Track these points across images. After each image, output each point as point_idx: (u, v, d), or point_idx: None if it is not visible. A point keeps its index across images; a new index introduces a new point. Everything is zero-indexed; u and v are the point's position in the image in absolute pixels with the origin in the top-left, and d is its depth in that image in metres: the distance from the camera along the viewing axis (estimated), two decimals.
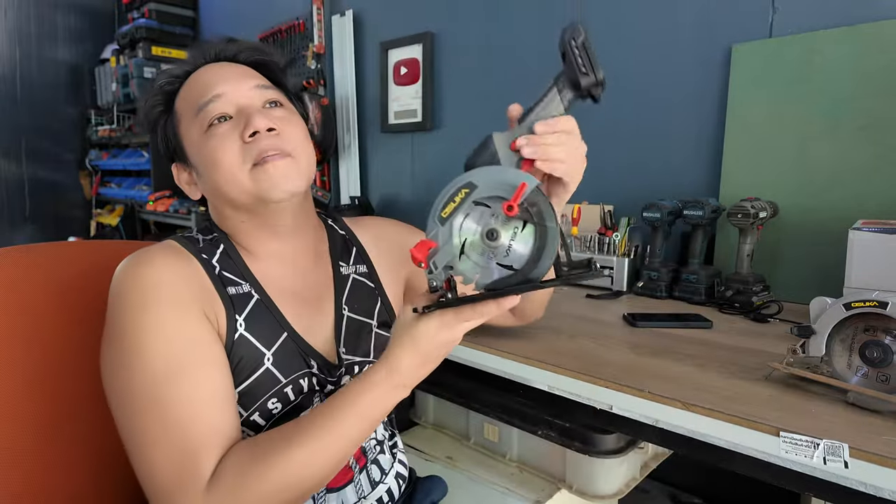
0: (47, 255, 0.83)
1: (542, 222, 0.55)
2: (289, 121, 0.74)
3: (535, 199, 0.55)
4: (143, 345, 0.63)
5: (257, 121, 0.70)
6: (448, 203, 0.56)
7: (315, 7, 2.51)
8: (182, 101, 0.76)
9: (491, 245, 0.56)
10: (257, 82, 0.75)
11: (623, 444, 1.04)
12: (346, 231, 0.89)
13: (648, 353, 0.94)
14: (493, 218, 0.56)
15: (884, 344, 0.69)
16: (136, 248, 0.93)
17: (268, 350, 0.71)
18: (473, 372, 1.00)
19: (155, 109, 0.77)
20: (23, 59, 3.75)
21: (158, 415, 0.61)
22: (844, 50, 1.23)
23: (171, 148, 0.78)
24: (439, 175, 2.20)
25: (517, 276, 0.56)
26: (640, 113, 1.60)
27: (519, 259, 0.56)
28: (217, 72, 0.75)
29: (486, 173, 0.57)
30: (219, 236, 0.77)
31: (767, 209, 1.23)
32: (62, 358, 0.80)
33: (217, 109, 0.72)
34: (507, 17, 1.90)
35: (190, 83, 0.76)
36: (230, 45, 0.78)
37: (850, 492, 0.62)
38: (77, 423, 0.80)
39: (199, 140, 0.72)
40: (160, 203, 3.25)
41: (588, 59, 0.59)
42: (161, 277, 0.66)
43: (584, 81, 0.60)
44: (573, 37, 0.59)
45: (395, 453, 0.85)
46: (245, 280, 0.74)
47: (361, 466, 0.79)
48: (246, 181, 0.70)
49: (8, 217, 3.77)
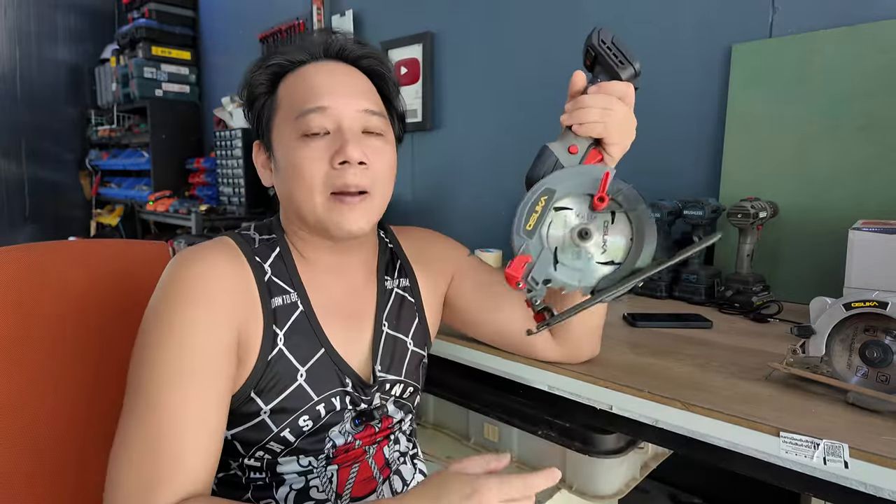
0: (47, 255, 0.83)
1: (633, 207, 0.53)
2: (381, 153, 0.72)
3: (618, 185, 0.54)
4: (163, 342, 0.62)
5: (351, 150, 0.67)
6: (530, 214, 0.54)
7: (315, 7, 2.51)
8: (286, 91, 0.73)
9: (585, 245, 0.54)
10: (366, 106, 0.72)
11: (623, 444, 1.04)
12: (393, 242, 0.87)
13: (648, 353, 0.94)
14: (578, 218, 0.54)
15: (884, 344, 0.69)
16: (136, 249, 0.94)
17: (302, 366, 0.70)
18: (473, 372, 1.00)
19: (257, 88, 0.74)
20: (23, 58, 3.75)
21: (146, 417, 0.60)
22: (844, 50, 1.23)
23: (260, 129, 0.76)
24: (439, 175, 2.20)
25: (623, 268, 0.53)
26: (640, 113, 1.59)
27: (619, 251, 0.53)
28: (331, 78, 0.72)
29: (560, 177, 0.56)
30: (277, 237, 0.76)
31: (767, 209, 1.23)
32: (62, 358, 0.80)
33: (317, 123, 0.69)
34: (507, 16, 1.90)
35: (301, 76, 0.72)
36: (356, 47, 0.75)
37: (850, 492, 0.62)
38: (77, 422, 0.80)
39: (290, 143, 0.70)
40: (160, 203, 3.25)
41: (623, 54, 0.61)
42: (205, 281, 0.65)
43: (624, 74, 0.61)
44: (602, 39, 0.61)
45: (416, 464, 0.85)
46: (294, 289, 0.73)
47: (385, 477, 0.78)
48: (319, 207, 0.69)
49: (8, 217, 3.77)
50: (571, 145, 0.61)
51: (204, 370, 0.63)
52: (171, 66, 3.52)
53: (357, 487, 0.75)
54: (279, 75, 0.74)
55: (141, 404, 0.61)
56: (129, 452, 0.59)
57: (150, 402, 0.61)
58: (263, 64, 0.74)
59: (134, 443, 0.60)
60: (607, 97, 0.62)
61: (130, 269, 0.90)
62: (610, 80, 0.63)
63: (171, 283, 0.66)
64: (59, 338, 0.80)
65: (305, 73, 0.72)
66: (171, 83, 3.52)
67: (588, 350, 0.88)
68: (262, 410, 0.69)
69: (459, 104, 2.10)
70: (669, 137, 1.54)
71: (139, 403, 0.61)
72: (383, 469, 0.78)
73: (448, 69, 2.12)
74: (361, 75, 0.75)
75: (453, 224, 2.14)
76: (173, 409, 0.60)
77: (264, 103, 0.74)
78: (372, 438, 0.77)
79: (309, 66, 0.73)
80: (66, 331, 0.81)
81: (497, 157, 1.99)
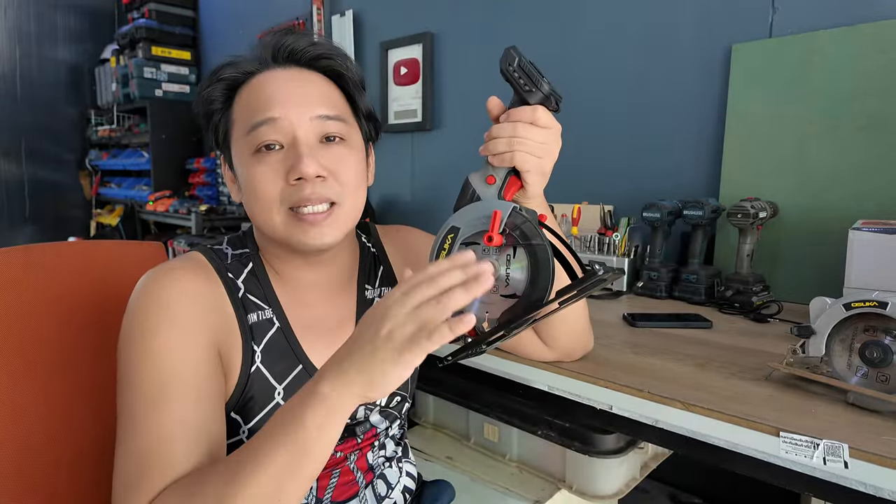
0: (47, 255, 0.83)
1: (528, 241, 0.55)
2: (343, 160, 0.68)
3: (515, 221, 0.55)
4: (141, 367, 0.61)
5: (306, 165, 0.64)
6: (440, 252, 0.56)
7: (315, 7, 2.51)
8: (239, 105, 0.69)
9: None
10: (321, 112, 0.67)
11: (623, 444, 1.04)
12: (376, 245, 0.85)
13: (648, 353, 0.94)
14: (483, 253, 0.56)
15: (884, 344, 0.69)
16: (133, 249, 0.94)
17: (279, 384, 0.69)
18: (473, 372, 1.00)
19: (212, 105, 0.70)
20: (23, 58, 3.75)
21: (131, 439, 0.59)
22: (844, 50, 1.23)
23: (221, 144, 0.72)
24: (439, 175, 2.20)
25: (521, 302, 0.54)
26: (641, 113, 1.60)
27: (519, 285, 0.55)
28: (281, 86, 0.67)
29: (465, 213, 0.57)
30: (250, 252, 0.73)
31: (767, 209, 1.23)
32: (62, 358, 0.80)
33: (268, 136, 0.66)
34: (507, 16, 1.90)
35: (252, 87, 0.68)
36: (309, 48, 0.70)
37: (850, 492, 0.62)
38: (76, 422, 0.80)
39: (246, 160, 0.67)
40: (160, 203, 3.25)
41: (529, 78, 0.60)
42: (176, 302, 0.63)
43: (532, 98, 0.60)
44: (508, 63, 0.60)
45: (401, 467, 0.83)
46: (268, 304, 0.71)
47: (368, 482, 0.77)
48: (279, 224, 0.66)
49: (8, 217, 3.77)
50: (489, 176, 0.62)
51: (184, 391, 0.60)
52: (171, 66, 3.52)
53: (338, 491, 0.74)
54: (233, 88, 0.70)
55: (128, 425, 0.60)
56: (118, 468, 0.59)
57: (136, 424, 0.59)
58: (214, 77, 0.70)
59: (123, 464, 0.59)
60: (515, 125, 0.60)
61: (127, 269, 0.89)
62: (521, 105, 0.61)
63: (141, 305, 0.63)
64: (58, 338, 0.80)
65: (256, 83, 0.68)
66: (170, 83, 3.52)
67: (580, 348, 0.87)
68: (241, 429, 0.68)
69: (459, 104, 2.10)
70: (669, 137, 1.55)
71: (126, 424, 0.60)
72: (367, 473, 0.77)
73: (448, 69, 2.12)
74: (318, 78, 0.70)
75: None
76: (156, 431, 0.58)
77: (220, 118, 0.71)
78: (354, 448, 0.76)
79: (259, 77, 0.69)
80: (66, 331, 0.81)
81: None
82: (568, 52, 1.74)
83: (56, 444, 0.78)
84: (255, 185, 0.66)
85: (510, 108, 0.62)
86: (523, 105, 0.61)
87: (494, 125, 0.62)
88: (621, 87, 1.63)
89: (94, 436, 0.81)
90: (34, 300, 0.79)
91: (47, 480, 0.77)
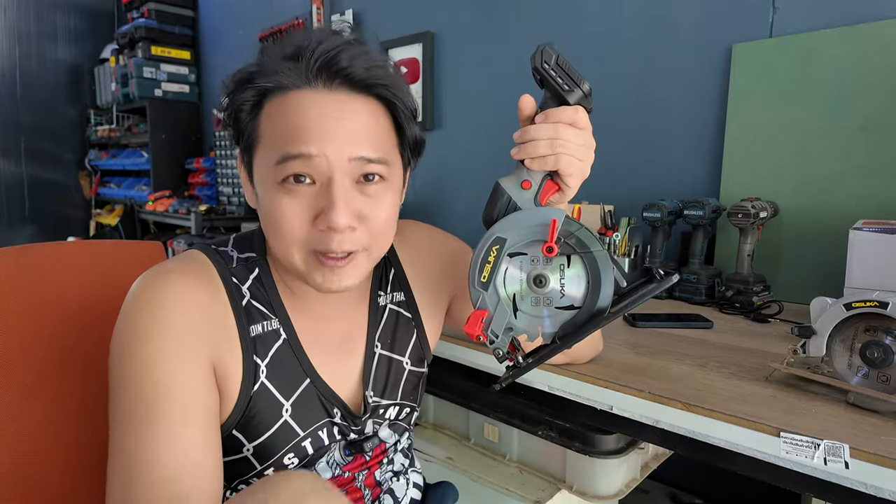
0: (47, 255, 0.83)
1: (587, 249, 0.52)
2: (378, 202, 0.61)
3: (569, 228, 0.52)
4: (127, 379, 0.57)
5: (338, 216, 0.57)
6: (484, 265, 0.53)
7: (315, 7, 2.51)
8: (269, 122, 0.61)
9: (542, 292, 0.52)
10: (363, 153, 0.59)
11: (623, 444, 1.03)
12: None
13: (648, 353, 0.94)
14: (533, 264, 0.53)
15: (884, 344, 0.69)
16: (131, 248, 0.93)
17: (287, 400, 0.65)
18: (473, 372, 1.00)
19: (241, 109, 0.62)
20: (22, 58, 3.76)
21: (118, 454, 0.56)
22: (844, 50, 1.23)
23: (242, 148, 0.65)
24: (439, 175, 2.20)
25: (582, 313, 0.52)
26: (640, 113, 1.60)
27: (577, 296, 0.52)
28: (322, 115, 0.58)
29: (511, 222, 0.54)
30: (257, 258, 0.68)
31: (768, 209, 1.23)
32: (62, 358, 0.80)
33: (300, 170, 0.58)
34: (507, 16, 1.90)
35: (285, 106, 0.59)
36: (363, 73, 0.60)
37: (851, 492, 0.62)
38: (77, 422, 0.80)
39: (270, 184, 0.60)
40: (160, 203, 3.25)
41: (569, 76, 0.57)
42: (170, 312, 0.58)
43: (572, 98, 0.57)
44: (544, 60, 0.56)
45: (409, 478, 0.81)
46: (275, 314, 0.66)
47: (375, 497, 0.75)
48: (298, 262, 0.61)
49: (8, 217, 3.77)
50: (524, 181, 0.57)
51: (168, 410, 0.56)
52: (171, 65, 3.52)
53: None
54: (264, 95, 0.62)
55: (113, 443, 0.57)
56: (108, 485, 0.56)
57: (118, 444, 0.56)
58: (247, 81, 0.61)
59: (110, 483, 0.56)
60: (556, 126, 0.56)
61: (126, 269, 0.89)
62: (558, 105, 0.57)
63: (133, 311, 0.59)
64: (58, 338, 0.80)
65: (292, 102, 0.59)
66: (170, 83, 3.52)
67: (592, 351, 0.87)
68: (244, 447, 0.64)
69: (459, 104, 2.10)
70: (669, 137, 1.54)
71: (112, 439, 0.57)
72: (374, 489, 0.75)
73: (448, 69, 2.11)
74: (365, 107, 0.61)
75: (453, 224, 2.14)
76: (135, 454, 0.55)
77: (248, 122, 0.63)
78: (362, 466, 0.74)
79: (297, 94, 0.59)
80: (66, 331, 0.81)
81: (497, 157, 1.98)
82: (568, 52, 1.73)
83: (55, 444, 0.78)
84: (277, 219, 0.59)
85: (541, 107, 0.58)
86: (561, 105, 0.57)
87: (531, 126, 0.58)
88: (622, 86, 1.63)
89: (94, 436, 0.80)
90: (33, 300, 0.79)
91: (47, 482, 0.77)
